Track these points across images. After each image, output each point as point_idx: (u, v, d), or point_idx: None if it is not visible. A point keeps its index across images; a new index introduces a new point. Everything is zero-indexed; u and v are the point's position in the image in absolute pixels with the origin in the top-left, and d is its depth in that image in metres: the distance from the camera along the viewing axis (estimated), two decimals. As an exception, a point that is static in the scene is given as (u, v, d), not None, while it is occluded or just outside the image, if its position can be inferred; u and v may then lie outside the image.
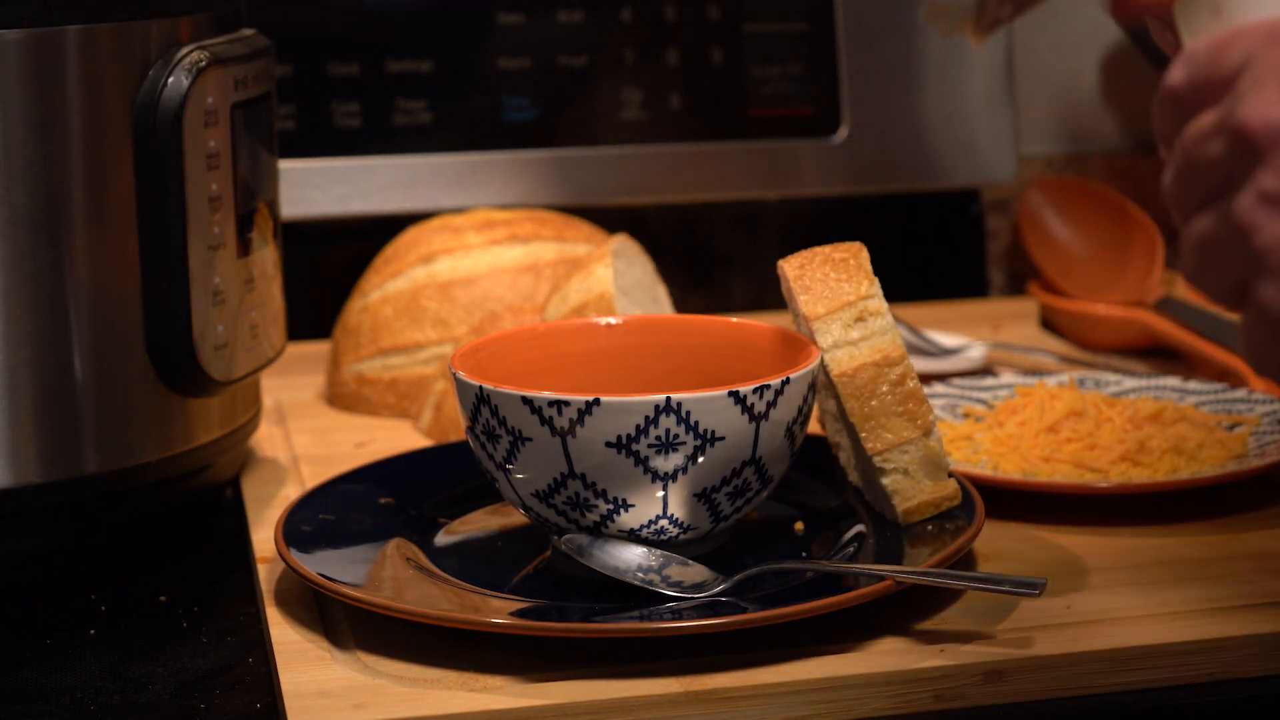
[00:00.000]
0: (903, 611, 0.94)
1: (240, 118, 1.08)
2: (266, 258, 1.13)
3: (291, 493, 1.15)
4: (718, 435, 0.93)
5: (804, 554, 1.01)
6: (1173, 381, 1.22)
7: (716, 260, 1.55)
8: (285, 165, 1.40)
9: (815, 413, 1.07)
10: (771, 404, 0.94)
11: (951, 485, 1.00)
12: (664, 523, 0.95)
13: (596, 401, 0.92)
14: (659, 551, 0.96)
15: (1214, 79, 0.73)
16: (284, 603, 0.98)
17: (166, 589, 1.06)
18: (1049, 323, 1.51)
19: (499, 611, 0.91)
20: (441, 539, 1.04)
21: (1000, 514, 1.06)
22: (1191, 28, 0.80)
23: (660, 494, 0.94)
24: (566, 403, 0.92)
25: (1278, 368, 0.73)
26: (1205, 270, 0.74)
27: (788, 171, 1.54)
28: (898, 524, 1.00)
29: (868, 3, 1.53)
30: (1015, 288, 1.64)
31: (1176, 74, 0.74)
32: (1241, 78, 0.72)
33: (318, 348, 1.41)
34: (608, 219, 1.47)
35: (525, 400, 0.93)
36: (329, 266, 1.47)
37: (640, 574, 0.94)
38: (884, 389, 0.98)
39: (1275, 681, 0.91)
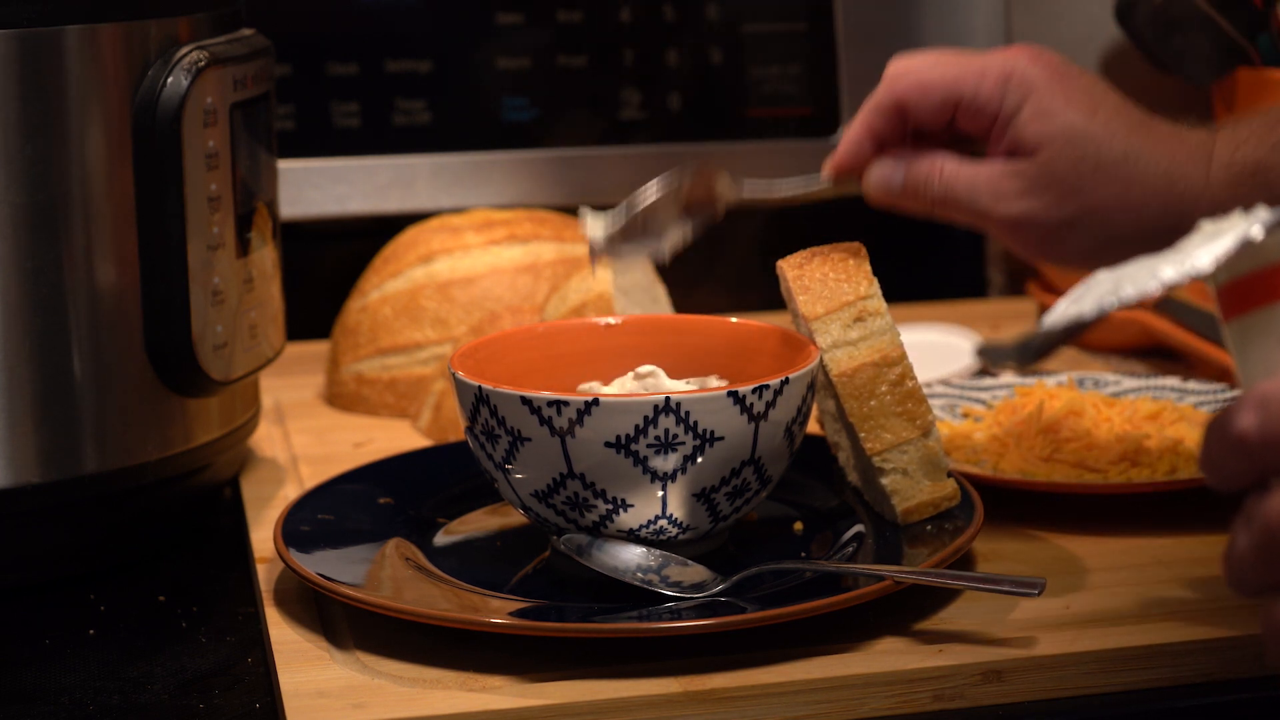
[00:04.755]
0: (902, 611, 0.94)
1: (239, 117, 1.08)
2: (265, 258, 1.13)
3: (290, 492, 1.15)
4: (717, 435, 0.93)
5: (803, 554, 1.01)
6: (1172, 382, 1.22)
7: (716, 260, 1.55)
8: (284, 165, 1.40)
9: (814, 413, 1.07)
10: (770, 404, 0.94)
11: (950, 485, 1.00)
12: (663, 523, 0.95)
13: (595, 401, 0.92)
14: (658, 552, 0.96)
15: None
16: (283, 602, 0.98)
17: (166, 589, 1.06)
18: (1048, 323, 1.50)
19: (498, 611, 0.91)
20: (440, 539, 1.04)
21: (999, 514, 1.06)
22: (1250, 357, 0.71)
23: (659, 494, 0.94)
24: (565, 403, 0.92)
25: None
26: None
27: (788, 171, 1.54)
28: (897, 524, 1.00)
29: (868, 3, 1.53)
30: (1015, 288, 1.64)
31: (1247, 420, 0.66)
32: None
33: (317, 348, 1.41)
34: (607, 219, 1.47)
35: (524, 400, 0.93)
36: (328, 266, 1.47)
37: (639, 574, 0.94)
38: (883, 389, 0.98)
39: (1273, 682, 0.91)
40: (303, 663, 0.91)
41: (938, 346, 1.38)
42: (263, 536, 1.07)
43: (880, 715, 0.88)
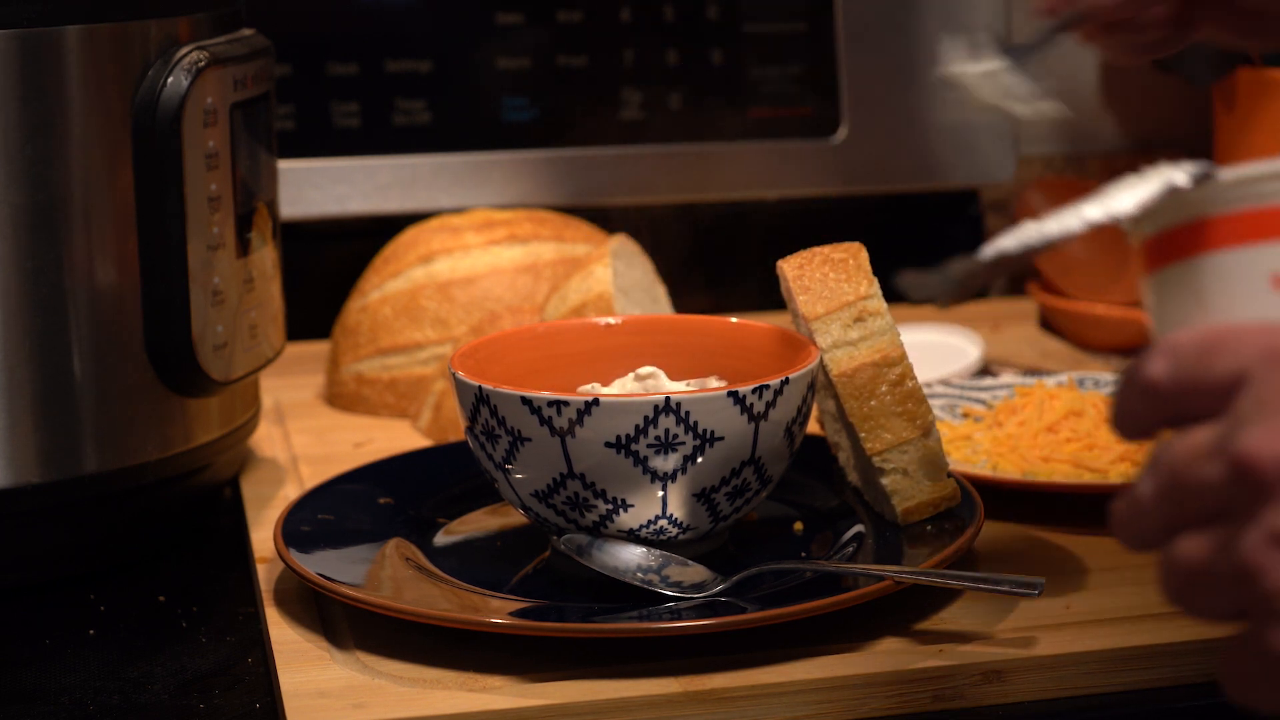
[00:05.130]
0: (902, 611, 0.94)
1: (239, 117, 1.08)
2: (265, 258, 1.13)
3: (291, 493, 1.15)
4: (717, 435, 0.93)
5: (803, 554, 1.01)
6: (1172, 381, 1.22)
7: (716, 260, 1.55)
8: (284, 165, 1.40)
9: (815, 413, 1.07)
10: (770, 404, 0.94)
11: (950, 485, 1.00)
12: (663, 523, 0.95)
13: (596, 402, 0.92)
14: (658, 551, 0.96)
15: (1203, 384, 0.66)
16: (283, 602, 0.98)
17: (166, 589, 1.06)
18: (1049, 323, 1.51)
19: (498, 611, 0.91)
20: (441, 539, 1.04)
21: (1000, 514, 1.06)
22: (1167, 310, 0.71)
23: (659, 494, 0.94)
24: (566, 403, 0.92)
25: (1267, 700, 0.66)
26: (1196, 598, 0.66)
27: (787, 171, 1.54)
28: (897, 524, 1.00)
29: (868, 3, 1.53)
30: (1015, 288, 1.64)
31: (1158, 366, 0.67)
32: (1241, 397, 0.64)
33: (317, 348, 1.41)
34: (607, 219, 1.47)
35: (524, 400, 0.93)
36: (328, 266, 1.47)
37: (639, 574, 0.94)
38: (883, 389, 0.99)
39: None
40: (303, 663, 0.91)
41: (938, 346, 1.38)
42: (263, 536, 1.07)
43: (880, 715, 0.88)
